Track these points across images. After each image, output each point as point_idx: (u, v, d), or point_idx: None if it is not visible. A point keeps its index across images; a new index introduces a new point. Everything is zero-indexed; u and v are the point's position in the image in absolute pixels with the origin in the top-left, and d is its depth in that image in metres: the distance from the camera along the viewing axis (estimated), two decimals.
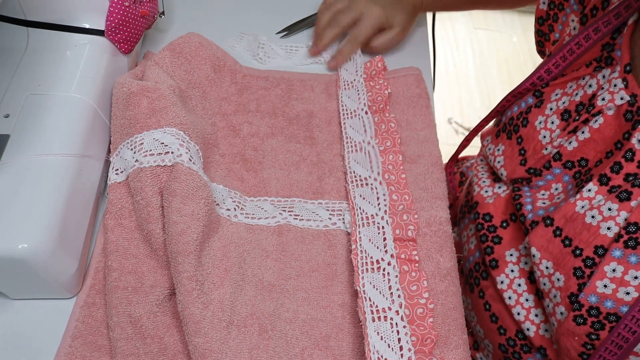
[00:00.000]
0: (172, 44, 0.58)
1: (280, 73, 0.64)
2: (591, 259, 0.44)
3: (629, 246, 0.42)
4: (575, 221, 0.46)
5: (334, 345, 0.45)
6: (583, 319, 0.44)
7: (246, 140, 0.58)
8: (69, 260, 0.45)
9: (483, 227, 0.55)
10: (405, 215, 0.50)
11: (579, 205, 0.46)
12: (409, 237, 0.49)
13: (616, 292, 0.42)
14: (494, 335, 0.55)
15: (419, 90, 0.62)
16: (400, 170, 0.54)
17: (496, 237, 0.54)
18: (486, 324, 0.55)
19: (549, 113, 0.52)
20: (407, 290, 0.47)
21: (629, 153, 0.44)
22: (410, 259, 0.48)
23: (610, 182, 0.45)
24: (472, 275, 0.58)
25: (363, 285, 0.46)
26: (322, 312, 0.47)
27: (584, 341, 0.44)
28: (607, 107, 0.47)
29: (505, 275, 0.52)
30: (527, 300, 0.51)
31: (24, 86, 0.50)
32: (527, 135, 0.54)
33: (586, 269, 0.44)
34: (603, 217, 0.44)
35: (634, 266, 0.42)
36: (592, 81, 0.49)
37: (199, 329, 0.42)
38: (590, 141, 0.48)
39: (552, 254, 0.47)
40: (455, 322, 0.46)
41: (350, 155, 0.56)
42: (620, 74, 0.47)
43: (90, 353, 0.45)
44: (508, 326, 0.53)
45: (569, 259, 0.45)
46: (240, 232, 0.50)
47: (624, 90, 0.46)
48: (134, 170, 0.48)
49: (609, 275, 0.43)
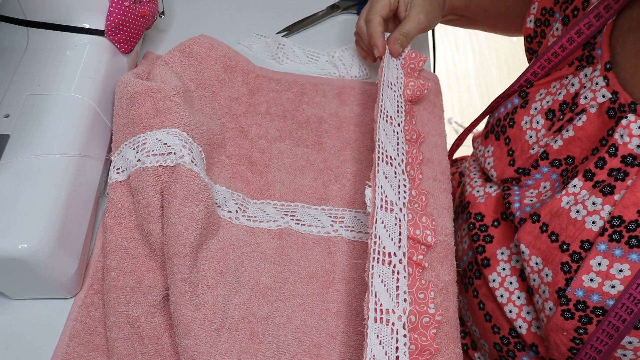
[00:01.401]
0: (183, 44, 0.58)
1: (293, 76, 0.64)
2: (578, 254, 0.45)
3: (614, 239, 0.43)
4: (560, 216, 0.46)
5: (325, 354, 0.45)
6: (571, 313, 0.44)
7: (254, 142, 0.58)
8: (69, 261, 0.45)
9: (475, 227, 0.56)
10: (424, 217, 0.49)
11: (564, 200, 0.47)
12: (427, 242, 0.47)
13: (602, 286, 0.43)
14: (488, 335, 0.55)
15: (435, 100, 0.61)
16: (418, 170, 0.53)
17: (487, 236, 0.55)
18: (481, 323, 0.56)
19: (533, 113, 0.53)
20: (414, 296, 0.45)
21: (612, 148, 0.45)
22: (420, 264, 0.47)
23: (595, 177, 0.46)
24: (466, 275, 0.58)
25: (372, 276, 0.43)
26: (316, 320, 0.47)
27: (573, 336, 0.44)
28: (590, 105, 0.47)
29: (497, 273, 0.53)
30: (519, 298, 0.51)
31: (24, 86, 0.50)
32: (514, 135, 0.54)
33: (573, 263, 0.45)
34: (588, 211, 0.45)
35: (619, 259, 0.42)
36: (575, 80, 0.50)
37: (189, 330, 0.42)
38: (575, 139, 0.49)
39: (541, 250, 0.47)
40: (448, 336, 0.46)
41: (381, 125, 0.51)
42: (601, 72, 0.47)
43: (88, 353, 0.45)
44: (501, 325, 0.53)
45: (556, 254, 0.46)
46: (240, 234, 0.50)
47: (605, 88, 0.47)
48: (135, 170, 0.48)
49: (595, 269, 0.43)
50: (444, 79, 1.88)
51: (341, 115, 0.61)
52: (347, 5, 0.73)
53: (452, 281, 0.49)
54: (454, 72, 1.91)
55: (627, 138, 0.44)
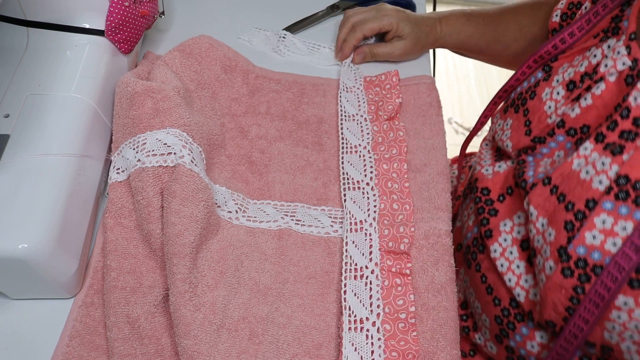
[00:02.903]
0: (182, 45, 0.58)
1: (293, 76, 0.64)
2: (582, 212, 0.45)
3: (620, 198, 0.43)
4: (570, 178, 0.47)
5: (325, 354, 0.45)
6: (570, 271, 0.44)
7: (254, 142, 0.58)
8: (69, 261, 0.45)
9: (480, 200, 0.57)
10: (402, 227, 0.50)
11: (575, 163, 0.47)
12: (400, 250, 0.49)
13: (604, 244, 0.43)
14: (490, 308, 0.56)
15: (430, 99, 0.61)
16: (404, 179, 0.54)
17: (492, 209, 0.56)
18: (483, 297, 0.56)
19: (555, 85, 0.53)
20: (393, 304, 0.47)
21: (625, 111, 0.45)
22: (402, 272, 0.48)
23: (606, 139, 0.46)
24: (469, 251, 0.59)
25: (345, 292, 0.47)
26: (316, 320, 0.47)
27: (570, 295, 0.45)
28: (609, 72, 0.47)
29: (498, 244, 0.54)
30: (518, 267, 0.52)
31: (24, 86, 0.50)
32: (533, 107, 0.55)
33: (576, 222, 0.45)
34: (596, 171, 0.45)
35: (624, 217, 0.42)
36: (597, 51, 0.50)
37: (188, 331, 0.42)
38: (592, 108, 0.49)
39: (548, 211, 0.47)
40: (445, 337, 0.46)
41: (345, 156, 0.56)
42: (624, 42, 0.47)
43: (88, 353, 0.45)
44: (502, 296, 0.54)
45: (561, 214, 0.46)
46: (240, 234, 0.50)
47: (626, 56, 0.47)
48: (135, 170, 0.48)
49: (599, 226, 0.43)
50: (444, 79, 1.87)
51: None
52: (347, 5, 0.73)
53: (449, 281, 0.49)
54: (454, 72, 1.91)
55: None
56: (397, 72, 0.62)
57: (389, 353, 0.44)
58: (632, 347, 0.44)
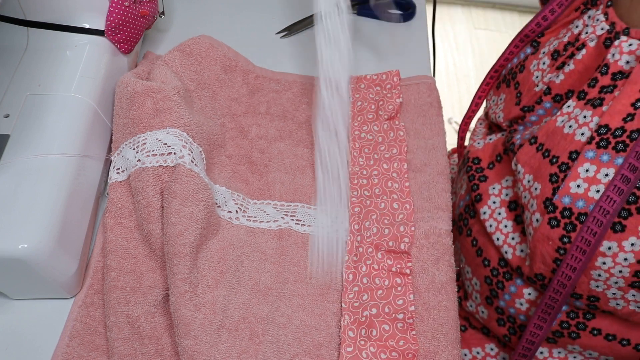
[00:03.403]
0: (182, 45, 0.58)
1: (293, 76, 0.64)
2: (565, 164, 0.47)
3: (601, 146, 0.45)
4: (554, 134, 0.49)
5: (325, 354, 0.45)
6: (557, 221, 0.46)
7: (254, 142, 0.58)
8: (69, 261, 0.45)
9: (472, 169, 0.60)
10: (402, 226, 0.50)
11: (559, 120, 0.49)
12: (401, 249, 0.49)
13: (588, 191, 0.44)
14: (480, 270, 0.58)
15: (430, 99, 0.61)
16: (404, 179, 0.54)
17: (482, 176, 0.58)
18: (473, 260, 0.59)
19: (541, 56, 0.56)
20: (392, 304, 0.47)
21: (604, 68, 0.47)
22: (402, 272, 0.48)
23: (587, 95, 0.48)
24: (461, 218, 0.62)
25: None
26: (317, 320, 0.47)
27: (558, 245, 0.46)
28: (590, 38, 0.50)
29: (487, 206, 0.56)
30: (506, 227, 0.54)
31: (24, 86, 0.50)
32: (522, 79, 0.57)
33: (560, 173, 0.47)
34: (578, 124, 0.47)
35: (606, 164, 0.44)
36: (579, 22, 0.53)
37: (189, 331, 0.42)
38: (575, 72, 0.51)
39: (533, 167, 0.49)
40: (446, 337, 0.46)
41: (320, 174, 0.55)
42: (602, 10, 0.50)
43: (88, 353, 0.45)
44: (491, 256, 0.56)
45: (545, 168, 0.48)
46: (240, 234, 0.50)
47: (604, 22, 0.49)
48: (135, 170, 0.48)
49: (582, 175, 0.45)
50: (444, 79, 1.87)
51: None
52: None
53: (450, 281, 0.49)
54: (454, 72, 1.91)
55: (617, 56, 0.46)
56: (397, 72, 0.62)
57: (389, 353, 0.44)
58: (618, 293, 0.46)
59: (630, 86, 0.44)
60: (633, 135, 0.43)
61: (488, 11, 2.11)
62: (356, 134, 0.58)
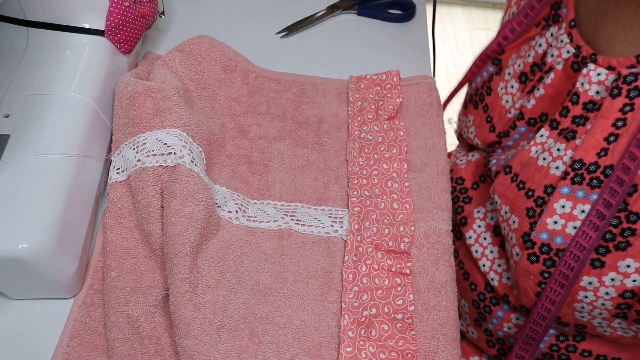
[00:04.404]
0: (182, 45, 0.58)
1: (293, 76, 0.64)
2: (541, 198, 0.47)
3: (575, 182, 0.44)
4: (529, 165, 0.48)
5: (325, 354, 0.45)
6: (536, 256, 0.46)
7: (254, 142, 0.58)
8: (69, 261, 0.45)
9: (456, 190, 0.59)
10: (402, 226, 0.50)
11: (532, 150, 0.49)
12: (401, 249, 0.49)
13: (565, 228, 0.44)
14: (467, 293, 0.57)
15: (430, 99, 0.61)
16: (404, 179, 0.54)
17: (467, 197, 0.58)
18: (460, 283, 0.58)
19: (507, 78, 0.55)
20: (392, 304, 0.47)
21: (574, 97, 0.47)
22: (402, 272, 0.48)
23: (560, 125, 0.48)
24: None
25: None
26: (317, 320, 0.47)
27: (539, 280, 0.46)
28: (556, 62, 0.49)
29: (473, 230, 0.56)
30: (492, 252, 0.54)
31: (24, 86, 0.50)
32: (491, 102, 0.57)
33: (537, 208, 0.47)
34: (552, 157, 0.47)
35: (581, 200, 0.44)
36: (542, 40, 0.52)
37: (189, 331, 0.42)
38: (546, 97, 0.51)
39: (509, 199, 0.49)
40: (446, 337, 0.46)
41: None
42: (565, 29, 0.49)
43: (88, 353, 0.45)
44: (478, 281, 0.56)
45: (522, 201, 0.48)
46: (240, 234, 0.50)
47: (569, 44, 0.49)
48: (135, 170, 0.48)
49: (559, 211, 0.45)
50: (444, 79, 1.87)
51: (341, 115, 0.61)
52: (347, 5, 0.73)
53: (450, 281, 0.49)
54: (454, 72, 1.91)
55: (587, 85, 0.46)
56: (398, 72, 0.62)
57: (388, 353, 0.44)
58: (604, 322, 0.46)
59: (602, 121, 0.44)
60: (607, 171, 0.43)
61: (488, 11, 2.11)
62: (356, 134, 0.58)
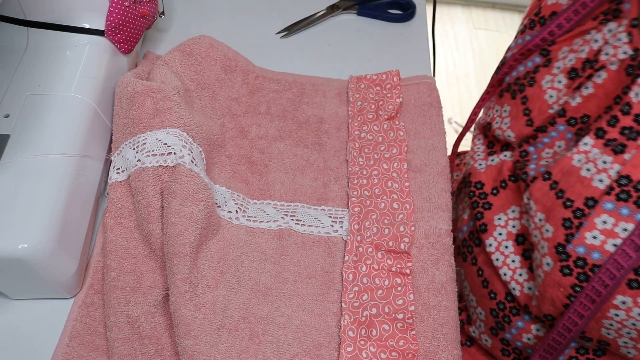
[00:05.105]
0: (182, 45, 0.58)
1: (293, 76, 0.64)
2: (581, 210, 0.44)
3: (621, 199, 0.42)
4: (571, 174, 0.46)
5: (325, 354, 0.45)
6: (569, 269, 0.44)
7: (254, 142, 0.58)
8: (69, 261, 0.45)
9: (475, 194, 0.57)
10: (402, 226, 0.50)
11: (575, 158, 0.46)
12: (401, 249, 0.49)
13: (604, 244, 0.43)
14: (485, 301, 0.55)
15: (430, 99, 0.61)
16: (404, 179, 0.54)
17: (486, 203, 0.55)
18: (478, 290, 0.56)
19: (556, 72, 0.52)
20: (392, 304, 0.47)
21: (626, 107, 0.44)
22: (402, 272, 0.48)
23: (607, 135, 0.45)
24: (465, 244, 0.59)
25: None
26: (317, 320, 0.47)
27: (569, 293, 0.44)
28: (610, 61, 0.46)
29: (493, 238, 0.54)
30: (514, 262, 0.52)
31: (24, 86, 0.50)
32: (532, 95, 0.53)
33: (575, 219, 0.45)
34: (597, 169, 0.45)
35: (625, 218, 0.42)
36: (598, 36, 0.48)
37: (189, 330, 0.42)
38: (594, 97, 0.48)
39: (545, 206, 0.47)
40: (446, 337, 0.46)
41: None
42: (626, 27, 0.46)
43: (88, 353, 0.45)
44: (498, 290, 0.54)
45: (559, 210, 0.46)
46: (240, 234, 0.50)
47: (627, 44, 0.45)
48: (135, 170, 0.48)
49: (599, 227, 0.43)
50: (444, 79, 1.87)
51: (341, 115, 0.61)
52: (347, 5, 0.73)
53: (450, 280, 0.49)
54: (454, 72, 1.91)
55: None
56: (398, 72, 0.62)
57: (389, 353, 0.44)
58: (629, 343, 0.44)
59: None
60: None
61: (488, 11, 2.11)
62: (356, 134, 0.58)
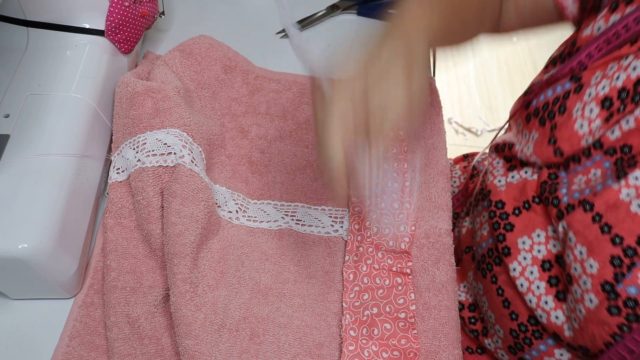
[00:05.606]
0: (182, 45, 0.58)
1: (293, 76, 0.64)
2: (632, 249, 0.42)
3: None
4: (618, 209, 0.43)
5: (326, 354, 0.45)
6: (618, 309, 0.42)
7: (254, 142, 0.58)
8: (69, 260, 0.45)
9: (495, 215, 0.54)
10: (402, 226, 0.50)
11: (623, 192, 0.43)
12: (401, 249, 0.49)
13: None
14: (505, 321, 0.54)
15: (430, 99, 0.61)
16: (404, 179, 0.54)
17: (508, 224, 0.53)
18: (498, 309, 0.54)
19: (587, 99, 0.48)
20: (393, 303, 0.47)
21: None
22: (402, 271, 0.48)
23: None
24: (484, 261, 0.57)
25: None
26: (317, 320, 0.47)
27: (614, 332, 0.42)
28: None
29: (517, 262, 0.51)
30: (538, 288, 0.49)
31: (24, 86, 0.50)
32: (562, 124, 0.49)
33: (626, 258, 0.42)
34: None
35: None
36: (637, 62, 0.44)
37: (190, 331, 0.42)
38: (635, 131, 0.44)
39: (587, 240, 0.44)
40: (447, 337, 0.46)
41: None
42: None
43: (88, 353, 0.45)
44: (520, 312, 0.52)
45: (605, 246, 0.43)
46: (240, 234, 0.50)
47: None
48: (135, 170, 0.48)
49: None
50: (444, 79, 1.87)
51: None
52: (347, 5, 0.73)
53: (450, 280, 0.49)
54: (454, 72, 1.91)
55: None
56: None
57: (391, 352, 0.44)
58: None
59: None
60: None
61: None
62: None
